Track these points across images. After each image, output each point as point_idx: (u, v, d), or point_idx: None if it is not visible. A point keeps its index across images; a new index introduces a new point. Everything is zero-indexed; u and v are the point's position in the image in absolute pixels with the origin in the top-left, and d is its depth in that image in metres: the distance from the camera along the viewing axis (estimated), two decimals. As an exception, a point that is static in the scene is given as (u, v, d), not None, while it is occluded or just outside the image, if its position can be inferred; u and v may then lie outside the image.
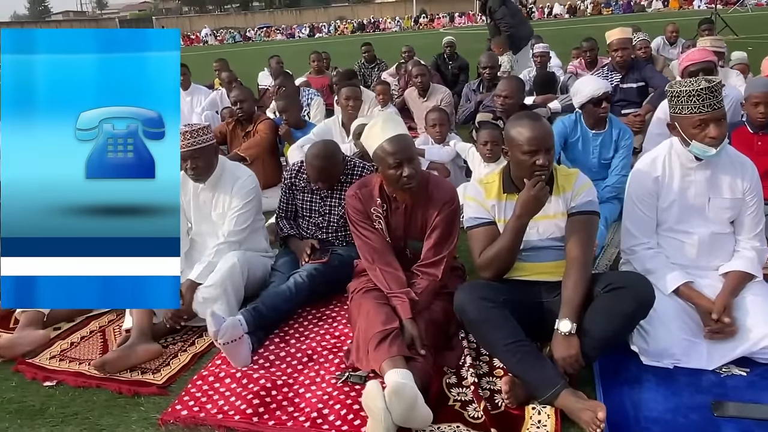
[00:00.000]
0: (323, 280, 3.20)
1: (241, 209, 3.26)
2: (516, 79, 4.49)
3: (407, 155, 2.69)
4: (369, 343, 2.50)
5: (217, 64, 8.82)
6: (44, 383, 2.74)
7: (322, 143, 3.39)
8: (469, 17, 42.70)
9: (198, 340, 3.03)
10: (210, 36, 45.64)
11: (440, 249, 2.81)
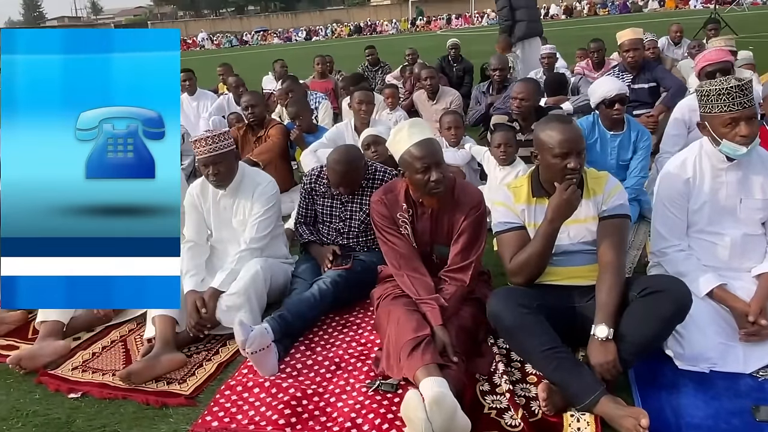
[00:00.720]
0: (347, 287, 3.16)
1: (262, 215, 3.23)
2: (532, 81, 4.46)
3: (435, 160, 2.66)
4: (401, 351, 2.46)
5: (221, 69, 8.79)
6: (69, 395, 2.69)
7: (344, 148, 3.35)
8: (466, 19, 42.74)
9: (222, 349, 2.99)
10: (207, 40, 45.60)
11: (467, 254, 2.78)
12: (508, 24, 7.53)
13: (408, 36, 36.37)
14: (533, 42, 7.17)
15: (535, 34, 7.26)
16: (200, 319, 2.96)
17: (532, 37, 7.24)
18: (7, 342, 3.22)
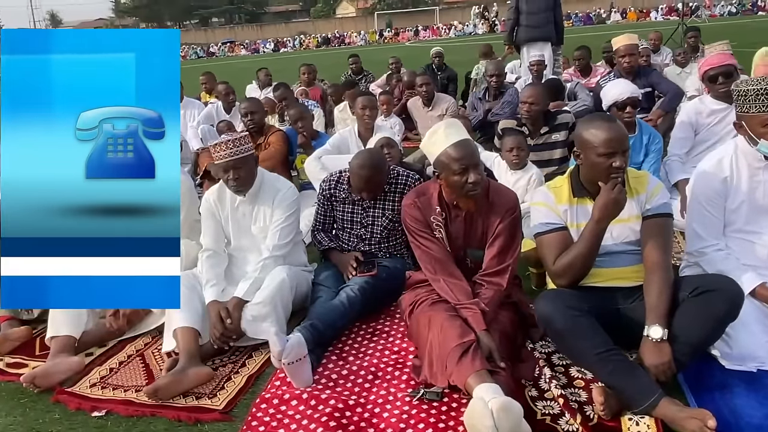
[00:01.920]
0: (374, 294, 3.08)
1: (284, 222, 3.12)
2: (541, 85, 4.47)
3: (473, 161, 2.61)
4: (447, 358, 2.38)
5: (203, 78, 8.63)
6: (92, 413, 2.54)
7: (368, 152, 3.28)
8: (433, 31, 43.09)
9: (248, 361, 2.87)
10: (172, 52, 44.91)
11: (504, 257, 2.73)
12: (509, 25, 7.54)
13: (377, 47, 36.44)
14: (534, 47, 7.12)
15: (534, 39, 7.22)
16: (225, 330, 2.84)
17: (532, 42, 7.22)
18: (13, 360, 3.04)
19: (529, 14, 7.17)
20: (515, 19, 7.35)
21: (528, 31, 7.23)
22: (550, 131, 4.28)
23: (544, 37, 7.21)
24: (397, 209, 3.30)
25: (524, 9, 7.21)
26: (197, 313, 2.91)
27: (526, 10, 7.18)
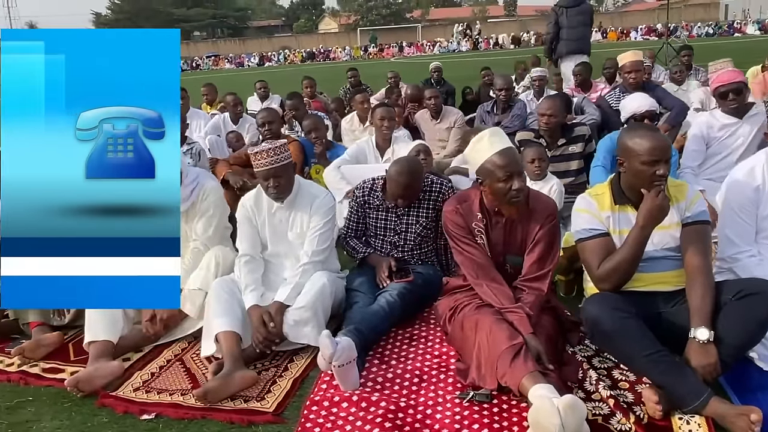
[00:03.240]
0: (411, 299, 3.13)
1: (322, 228, 3.16)
2: (559, 98, 4.57)
3: (517, 168, 2.68)
4: (498, 360, 2.43)
5: (205, 89, 8.64)
6: (141, 417, 2.54)
7: (405, 160, 3.33)
8: (417, 47, 43.54)
9: (290, 365, 2.89)
10: (155, 64, 44.75)
11: (543, 263, 2.79)
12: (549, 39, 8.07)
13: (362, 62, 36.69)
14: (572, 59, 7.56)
15: (575, 52, 7.73)
16: (268, 334, 2.86)
17: (572, 55, 7.73)
18: (49, 365, 3.02)
19: (569, 29, 7.75)
20: (555, 33, 7.91)
21: (569, 44, 7.79)
22: (567, 143, 4.38)
23: (583, 50, 7.78)
24: (431, 216, 3.36)
25: (565, 24, 7.81)
26: (238, 317, 2.93)
27: (567, 25, 7.77)
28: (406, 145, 4.69)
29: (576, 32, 7.77)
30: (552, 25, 8.00)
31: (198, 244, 3.33)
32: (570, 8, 7.87)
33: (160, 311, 3.11)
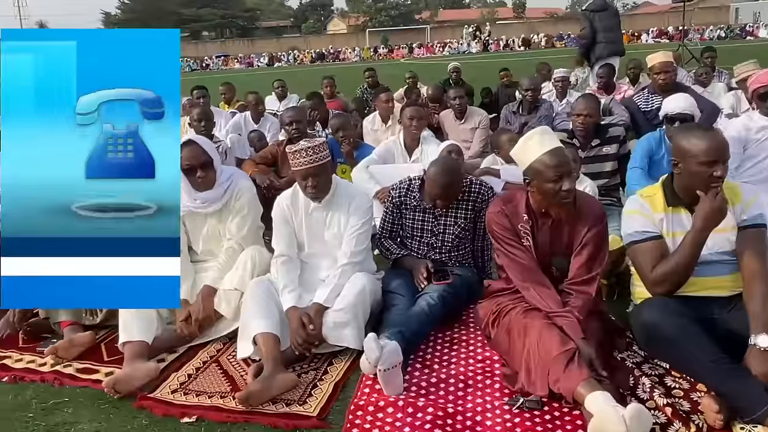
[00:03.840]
0: (452, 302, 3.06)
1: (359, 228, 3.10)
2: (594, 98, 4.49)
3: (567, 169, 2.61)
4: (550, 366, 2.36)
5: (223, 88, 8.60)
6: (182, 419, 2.49)
7: (446, 160, 3.28)
8: (428, 49, 43.46)
9: (330, 368, 2.83)
10: (165, 64, 44.80)
11: (591, 266, 2.72)
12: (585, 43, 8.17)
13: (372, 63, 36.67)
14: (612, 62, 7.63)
15: (614, 54, 7.86)
16: (307, 336, 2.80)
17: (611, 56, 7.82)
18: (83, 365, 2.97)
19: (605, 31, 7.88)
20: (592, 36, 8.00)
21: (606, 46, 7.90)
22: (601, 144, 4.30)
23: (619, 51, 7.96)
24: (470, 218, 3.29)
25: (599, 27, 7.93)
26: (275, 318, 2.87)
27: (602, 28, 7.90)
28: (435, 145, 4.63)
29: (612, 35, 7.92)
30: (588, 29, 8.09)
31: (232, 243, 3.27)
32: (600, 12, 7.98)
33: (195, 311, 3.06)
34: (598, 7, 8.05)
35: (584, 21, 8.21)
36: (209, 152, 3.21)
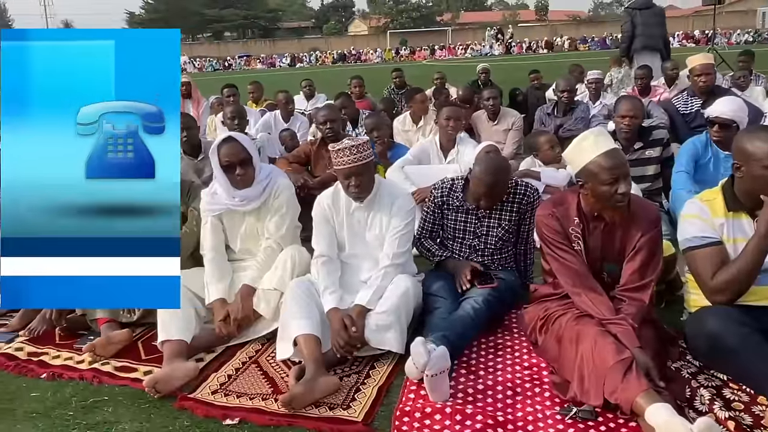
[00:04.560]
0: (497, 306, 2.98)
1: (402, 230, 3.03)
2: (638, 99, 4.39)
3: (624, 171, 2.52)
4: (606, 375, 2.27)
5: (251, 87, 8.58)
6: (224, 421, 2.43)
7: (490, 159, 3.20)
8: (449, 50, 43.32)
9: (372, 372, 2.77)
10: (188, 64, 45.20)
11: (645, 273, 2.62)
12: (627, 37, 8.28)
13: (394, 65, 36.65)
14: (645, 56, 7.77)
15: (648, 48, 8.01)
16: (350, 338, 2.74)
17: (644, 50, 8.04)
18: (121, 363, 2.93)
19: (644, 25, 8.08)
20: (631, 33, 8.17)
21: (643, 40, 8.12)
22: (644, 147, 4.20)
23: (656, 46, 8.07)
24: (514, 220, 3.21)
25: (639, 21, 8.12)
26: (316, 320, 2.81)
27: (641, 22, 8.08)
28: (471, 147, 4.56)
29: (653, 31, 8.05)
30: (627, 24, 8.20)
31: (271, 242, 3.22)
32: (643, 10, 8.07)
33: (234, 311, 3.01)
34: (641, 5, 8.12)
35: (625, 17, 8.31)
36: (249, 149, 3.16)
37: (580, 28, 56.79)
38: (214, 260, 3.19)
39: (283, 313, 2.90)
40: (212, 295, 3.09)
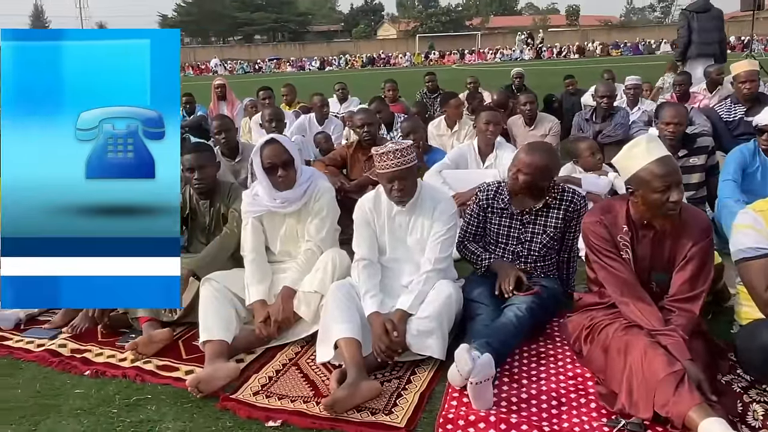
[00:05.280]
0: (539, 314, 2.94)
1: (444, 234, 3.00)
2: (682, 106, 4.31)
3: (676, 178, 2.46)
4: (657, 388, 2.22)
5: (284, 89, 8.63)
6: (267, 423, 2.43)
7: (538, 143, 3.19)
8: (479, 55, 43.14)
9: (413, 378, 2.74)
10: (219, 66, 45.76)
11: (696, 283, 2.56)
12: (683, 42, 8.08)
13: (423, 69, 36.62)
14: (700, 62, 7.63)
15: (704, 55, 7.81)
16: (391, 343, 2.72)
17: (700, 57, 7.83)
18: (163, 362, 2.95)
19: (700, 32, 7.85)
20: (688, 36, 7.96)
21: (698, 47, 7.89)
22: (688, 154, 4.12)
23: (712, 53, 7.84)
24: (559, 227, 3.15)
25: (695, 27, 7.90)
26: (357, 323, 2.79)
27: (698, 28, 7.87)
28: (509, 152, 4.51)
29: (709, 36, 7.81)
30: (684, 29, 8.01)
31: (311, 245, 3.22)
32: (701, 13, 7.90)
33: (274, 313, 3.01)
34: (699, 8, 7.95)
35: (682, 21, 8.13)
36: (291, 151, 3.17)
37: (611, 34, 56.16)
38: (254, 261, 3.19)
39: (323, 316, 2.90)
40: (252, 296, 3.10)
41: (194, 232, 3.65)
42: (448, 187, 4.34)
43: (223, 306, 3.03)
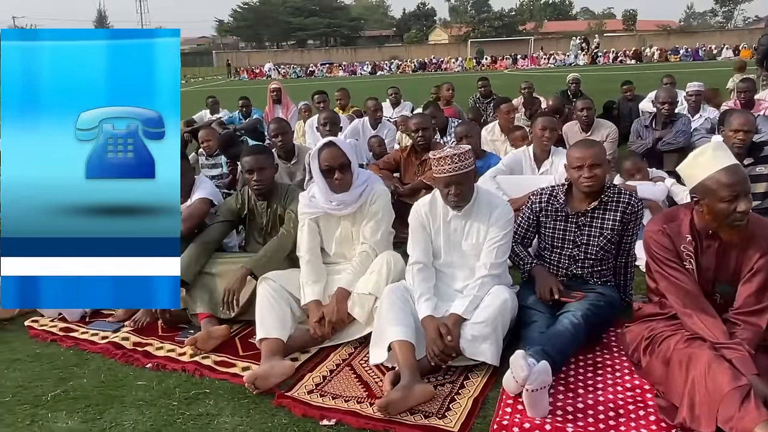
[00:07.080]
0: (596, 322, 2.89)
1: (500, 240, 2.98)
2: (750, 113, 4.18)
3: (744, 188, 2.39)
4: (721, 402, 2.15)
5: (338, 94, 8.71)
6: (321, 422, 2.47)
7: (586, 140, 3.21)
8: (532, 60, 42.60)
9: (466, 383, 2.73)
10: (273, 70, 46.55)
11: (762, 296, 2.47)
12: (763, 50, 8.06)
13: (475, 74, 36.41)
14: None
15: None
16: (444, 347, 2.71)
17: None
18: (220, 358, 3.02)
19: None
20: None
21: None
22: (755, 163, 3.98)
23: None
24: (617, 230, 3.08)
25: None
26: (411, 326, 2.80)
27: None
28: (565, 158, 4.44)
29: None
30: (766, 38, 7.92)
31: (366, 247, 3.25)
32: None
33: (329, 313, 3.05)
34: None
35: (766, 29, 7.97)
36: (348, 154, 3.21)
37: (670, 39, 54.63)
38: (310, 262, 3.24)
39: (377, 318, 2.92)
40: (308, 296, 3.15)
41: (251, 233, 3.74)
42: (502, 192, 4.30)
43: (280, 305, 3.08)
